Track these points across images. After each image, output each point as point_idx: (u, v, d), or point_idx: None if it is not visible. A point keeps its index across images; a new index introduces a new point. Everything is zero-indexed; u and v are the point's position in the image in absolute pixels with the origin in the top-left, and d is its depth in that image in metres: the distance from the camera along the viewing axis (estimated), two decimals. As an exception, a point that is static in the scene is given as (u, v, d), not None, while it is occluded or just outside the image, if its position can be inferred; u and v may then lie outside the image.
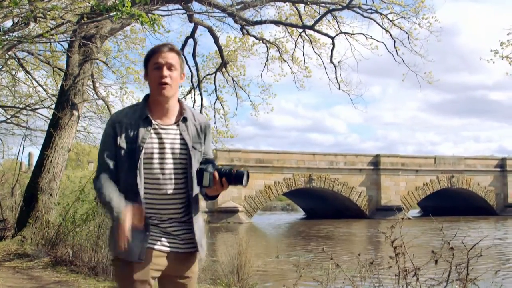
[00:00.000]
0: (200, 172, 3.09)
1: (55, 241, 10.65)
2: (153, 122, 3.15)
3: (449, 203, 53.84)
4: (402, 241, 5.35)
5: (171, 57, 3.16)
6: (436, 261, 5.29)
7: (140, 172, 3.06)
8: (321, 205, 53.77)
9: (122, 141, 3.09)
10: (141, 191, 3.06)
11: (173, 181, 3.14)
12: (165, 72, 3.12)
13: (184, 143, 3.18)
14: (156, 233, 3.12)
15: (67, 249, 10.22)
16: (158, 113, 3.20)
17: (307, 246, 24.52)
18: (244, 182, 3.13)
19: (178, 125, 3.21)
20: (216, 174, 3.10)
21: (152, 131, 3.13)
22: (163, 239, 3.13)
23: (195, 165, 3.18)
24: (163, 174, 3.12)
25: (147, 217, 3.07)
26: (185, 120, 3.23)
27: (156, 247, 3.10)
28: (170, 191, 3.14)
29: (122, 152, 3.09)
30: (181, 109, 3.27)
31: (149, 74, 3.19)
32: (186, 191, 3.18)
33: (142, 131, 3.10)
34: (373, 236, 29.24)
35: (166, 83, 3.12)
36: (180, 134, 3.19)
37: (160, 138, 3.14)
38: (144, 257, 3.03)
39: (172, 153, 3.15)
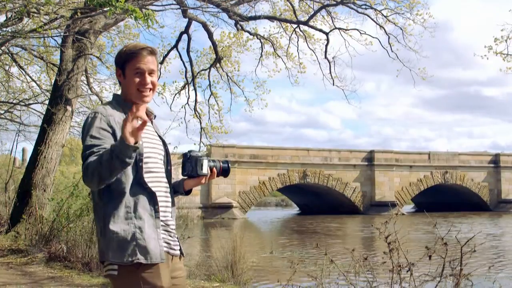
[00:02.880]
0: (198, 160, 3.07)
1: (49, 236, 10.64)
2: None
3: (443, 199, 54.04)
4: (396, 237, 5.37)
5: (151, 61, 3.08)
6: (429, 257, 5.32)
7: (143, 169, 2.98)
8: (315, 201, 53.84)
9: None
10: (154, 181, 3.01)
11: (163, 177, 3.10)
12: (148, 79, 3.05)
13: (161, 139, 3.16)
14: (165, 235, 3.04)
15: (61, 244, 10.21)
16: None
17: (301, 242, 24.54)
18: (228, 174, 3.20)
19: (152, 123, 3.19)
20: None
21: None
22: (170, 242, 3.07)
23: (169, 162, 3.17)
24: (155, 170, 3.06)
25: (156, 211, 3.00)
26: (155, 117, 3.24)
27: (168, 250, 3.03)
28: (162, 188, 3.09)
29: None
30: (146, 110, 3.22)
31: (127, 78, 3.08)
32: (169, 187, 3.15)
33: None
34: (367, 232, 29.31)
35: (149, 89, 3.07)
36: (156, 131, 3.18)
37: (144, 135, 3.02)
38: (164, 257, 2.93)
39: (156, 149, 3.10)
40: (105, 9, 7.78)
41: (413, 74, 19.18)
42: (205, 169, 3.07)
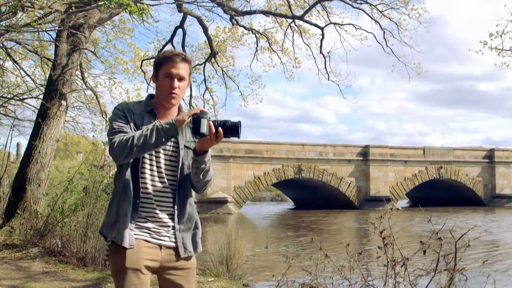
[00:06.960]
0: (197, 120, 3.09)
1: (44, 231, 10.61)
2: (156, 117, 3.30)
3: (438, 194, 54.17)
4: (390, 232, 5.38)
5: (183, 68, 3.28)
6: (424, 251, 5.33)
7: (143, 161, 3.20)
8: (310, 196, 53.94)
9: (132, 128, 3.20)
10: (146, 179, 3.20)
11: (163, 176, 3.26)
12: (176, 83, 3.25)
13: (176, 141, 3.28)
14: (149, 225, 3.20)
15: (56, 239, 10.20)
16: (160, 113, 3.32)
17: (296, 237, 24.57)
18: (239, 134, 3.16)
19: None
20: (211, 123, 3.11)
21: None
22: (154, 231, 3.21)
23: (186, 163, 3.30)
24: (156, 168, 3.24)
25: (141, 206, 3.18)
26: None
27: (147, 238, 3.18)
28: (160, 186, 3.24)
29: None
30: (179, 111, 3.39)
31: (159, 80, 3.30)
32: (176, 188, 3.28)
33: (146, 121, 3.23)
34: (362, 227, 29.37)
35: (176, 94, 3.27)
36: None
37: None
38: (134, 244, 3.11)
39: (164, 149, 3.25)
40: (99, 3, 7.76)
41: (408, 69, 19.19)
42: (204, 129, 3.08)
